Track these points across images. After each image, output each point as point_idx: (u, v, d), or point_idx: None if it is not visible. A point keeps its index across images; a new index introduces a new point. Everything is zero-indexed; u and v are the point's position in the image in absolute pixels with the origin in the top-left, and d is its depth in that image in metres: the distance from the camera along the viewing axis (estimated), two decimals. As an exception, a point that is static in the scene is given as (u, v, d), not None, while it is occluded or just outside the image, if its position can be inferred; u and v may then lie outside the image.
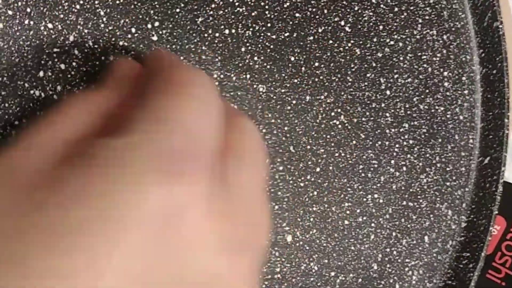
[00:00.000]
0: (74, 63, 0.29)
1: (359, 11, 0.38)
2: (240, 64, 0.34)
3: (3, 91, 0.27)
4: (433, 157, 0.42)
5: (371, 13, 0.38)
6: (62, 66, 0.28)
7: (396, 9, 0.40)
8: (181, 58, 0.32)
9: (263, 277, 0.35)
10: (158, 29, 0.31)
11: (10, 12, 0.27)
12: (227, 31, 0.33)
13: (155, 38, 0.31)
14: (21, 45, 0.27)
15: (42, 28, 0.28)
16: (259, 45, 0.34)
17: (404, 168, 0.41)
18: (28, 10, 0.27)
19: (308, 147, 0.37)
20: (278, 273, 0.36)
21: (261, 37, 0.34)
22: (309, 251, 0.37)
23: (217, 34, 0.33)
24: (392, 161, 0.40)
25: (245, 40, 0.34)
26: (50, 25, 0.28)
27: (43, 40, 0.28)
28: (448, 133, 0.43)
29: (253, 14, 0.34)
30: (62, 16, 0.28)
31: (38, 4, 0.27)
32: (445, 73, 0.43)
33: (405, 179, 0.41)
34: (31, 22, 0.27)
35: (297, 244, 0.37)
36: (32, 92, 0.28)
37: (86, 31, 0.29)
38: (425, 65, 0.41)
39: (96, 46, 0.29)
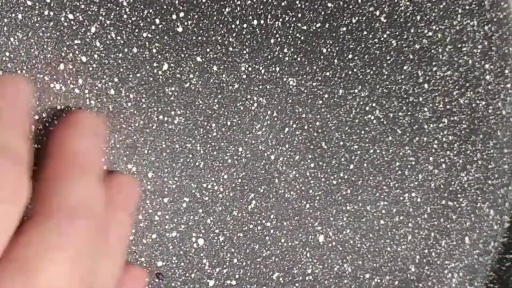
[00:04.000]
0: (95, 56, 0.28)
1: (395, 0, 0.36)
2: (269, 57, 0.32)
3: (22, 85, 0.26)
4: (474, 154, 0.40)
5: (408, 3, 0.36)
6: (84, 59, 0.27)
7: (434, -2, 0.38)
8: (208, 50, 0.30)
9: (293, 278, 0.34)
10: (183, 20, 0.29)
11: (29, 3, 0.26)
12: (255, 22, 0.32)
13: (180, 29, 0.29)
14: (40, 36, 0.26)
15: (62, 19, 0.27)
16: (289, 37, 0.33)
17: (444, 166, 0.39)
18: (48, 0, 0.26)
19: (341, 143, 0.35)
20: (309, 274, 0.35)
21: (291, 28, 0.33)
22: (342, 252, 0.36)
23: (245, 25, 0.31)
24: (431, 158, 0.38)
25: (275, 31, 0.32)
26: (70, 16, 0.27)
27: (63, 31, 0.27)
28: (490, 129, 0.41)
29: (282, 4, 0.32)
30: (83, 6, 0.27)
31: (58, -6, 0.26)
32: (487, 66, 0.40)
33: (445, 177, 0.39)
34: (51, 13, 0.26)
35: (330, 244, 0.35)
36: (52, 85, 0.27)
37: (108, 22, 0.28)
38: (465, 57, 0.39)
39: (118, 37, 0.28)
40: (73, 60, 0.27)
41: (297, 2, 0.33)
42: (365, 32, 0.35)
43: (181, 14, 0.29)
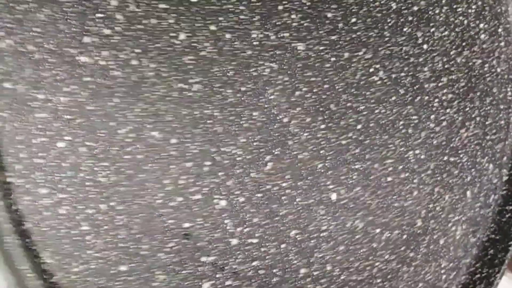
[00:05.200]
0: (117, 28, 0.29)
1: (394, -36, 0.37)
2: (278, 23, 0.33)
3: (50, 58, 0.27)
4: (472, 111, 0.42)
5: (405, -34, 0.38)
6: (107, 31, 0.28)
7: (430, -39, 0.39)
8: (221, 18, 0.31)
9: (309, 235, 0.36)
10: (197, -9, 0.31)
11: (52, -21, 0.27)
12: (264, -10, 0.33)
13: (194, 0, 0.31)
14: (65, 11, 0.27)
15: (84, -7, 0.28)
16: (296, 2, 0.34)
17: (444, 123, 0.41)
18: (70, -25, 0.27)
19: (348, 104, 0.36)
20: (324, 231, 0.36)
21: (298, -5, 0.34)
22: (353, 209, 0.37)
23: (254, -6, 0.32)
24: (432, 116, 0.40)
25: (282, -1, 0.33)
26: (92, -10, 0.28)
27: (86, 5, 0.28)
28: (486, 86, 0.43)
29: (289, -29, 0.33)
30: (103, -20, 0.28)
31: (79, -30, 0.27)
32: (481, 25, 0.42)
33: (446, 134, 0.41)
34: (74, -12, 0.27)
35: (342, 202, 0.37)
36: (78, 58, 0.28)
37: (127, -5, 0.29)
38: (461, 18, 0.41)
39: (138, 9, 0.29)
40: (97, 33, 0.28)
41: (302, -31, 0.34)
42: (366, -3, 0.36)
43: (195, -15, 0.31)
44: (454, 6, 0.40)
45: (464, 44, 0.41)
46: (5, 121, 0.26)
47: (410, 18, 0.38)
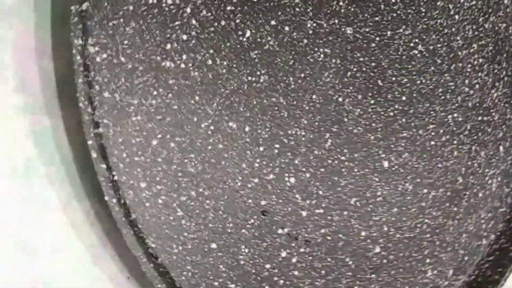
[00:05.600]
0: (193, 32, 0.32)
1: None
2: (328, 11, 0.36)
3: (141, 67, 0.30)
4: (500, 72, 0.45)
5: None
6: (184, 37, 0.31)
7: None
8: (279, 13, 0.34)
9: (367, 201, 0.39)
10: (257, -10, 0.33)
11: (137, -5, 0.30)
12: (314, -18, 0.36)
13: (255, -2, 0.33)
14: (149, 23, 0.30)
15: (163, 5, 0.31)
16: (343, -9, 0.37)
17: (477, 86, 0.44)
18: (151, -10, 0.30)
19: (393, 78, 0.40)
20: (379, 196, 0.40)
21: (344, -17, 0.37)
22: (403, 173, 0.41)
23: (306, -14, 0.35)
24: (466, 81, 0.43)
25: (330, -12, 0.36)
26: (169, 1, 0.31)
27: (166, 15, 0.31)
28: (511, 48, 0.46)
29: (335, -38, 0.36)
30: (178, -9, 0.31)
31: (157, -17, 0.30)
32: (505, -9, 0.45)
33: (479, 95, 0.44)
34: (155, 1, 0.30)
35: (393, 168, 0.40)
36: (163, 64, 0.31)
37: (199, 1, 0.32)
38: (486, -14, 0.44)
39: (209, 14, 0.32)
40: (176, 39, 0.31)
41: (346, -42, 0.37)
42: (403, -23, 0.39)
43: (255, -15, 0.33)
44: (480, -24, 0.43)
45: (490, 10, 0.44)
46: (108, 127, 0.30)
47: (442, -8, 0.41)
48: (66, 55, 0.27)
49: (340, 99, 0.37)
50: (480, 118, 0.44)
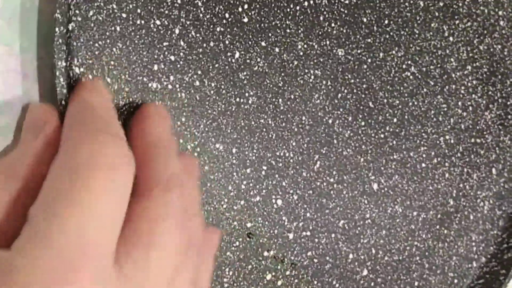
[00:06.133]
0: (181, 54, 0.31)
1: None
2: (320, 32, 0.36)
3: (126, 88, 0.30)
4: (494, 93, 0.45)
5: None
6: (172, 58, 0.31)
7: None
8: (270, 34, 0.34)
9: (355, 224, 0.39)
10: (247, 11, 0.33)
11: (124, 15, 0.29)
12: (306, 3, 0.35)
13: (245, 19, 0.33)
14: (136, 44, 0.30)
15: (151, 25, 0.30)
16: (335, 12, 0.36)
17: (470, 108, 0.44)
18: (139, 11, 0.30)
19: (385, 100, 0.39)
20: (368, 218, 0.40)
21: (336, 4, 0.36)
22: (393, 196, 0.41)
23: (298, 7, 0.35)
24: (459, 103, 0.43)
25: (322, 9, 0.36)
26: (158, 22, 0.30)
27: (153, 36, 0.30)
28: (507, 69, 0.45)
29: (328, -16, 0.36)
30: (167, 12, 0.31)
31: (146, 4, 0.30)
32: (500, 13, 0.45)
33: (472, 117, 0.44)
34: (142, 21, 0.30)
35: (382, 190, 0.40)
36: (150, 85, 0.31)
37: (188, 22, 0.31)
38: (481, 8, 0.43)
39: (198, 35, 0.32)
40: (164, 60, 0.31)
41: (339, -20, 0.36)
42: (397, -2, 0.39)
43: (246, 6, 0.33)
44: (476, -3, 0.43)
45: (485, 32, 0.44)
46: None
47: (436, 14, 0.41)
48: (50, 77, 0.27)
49: (330, 121, 0.37)
50: (472, 140, 0.44)
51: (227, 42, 0.33)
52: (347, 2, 0.37)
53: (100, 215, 0.23)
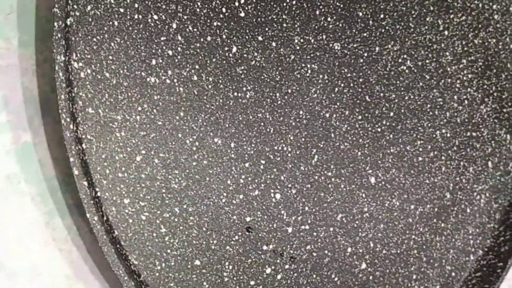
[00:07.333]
0: (179, 48, 0.31)
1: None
2: (316, 27, 0.36)
3: (125, 82, 0.30)
4: (489, 87, 0.45)
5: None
6: (170, 52, 0.31)
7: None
8: (266, 29, 0.34)
9: (353, 217, 0.39)
10: (244, 6, 0.33)
11: (121, 10, 0.29)
12: (302, -2, 0.35)
13: (242, 14, 0.33)
14: (134, 38, 0.30)
15: (149, 20, 0.30)
16: (331, 6, 0.37)
17: (466, 101, 0.44)
18: (136, 5, 0.30)
19: (381, 94, 0.39)
20: (366, 212, 0.40)
21: (332, -2, 0.37)
22: (390, 189, 0.41)
23: (294, 2, 0.35)
24: (455, 97, 0.43)
25: (318, 3, 0.36)
26: (155, 17, 0.30)
27: (151, 31, 0.30)
28: (501, 63, 0.46)
29: (324, -22, 0.36)
30: (164, 6, 0.31)
31: (143, -1, 0.30)
32: (494, 6, 0.45)
33: (467, 111, 0.44)
34: (140, 16, 0.30)
35: (380, 184, 0.40)
36: (148, 79, 0.31)
37: (185, 17, 0.31)
38: (476, 1, 0.44)
39: (195, 29, 0.32)
40: (161, 55, 0.31)
41: (335, -26, 0.36)
42: (392, -7, 0.39)
43: (242, 1, 0.33)
44: (470, -8, 0.43)
45: (480, 26, 0.44)
46: (91, 143, 0.29)
47: (431, 8, 0.41)
48: (48, 72, 0.27)
49: (327, 115, 0.37)
50: (468, 133, 0.44)
51: (224, 36, 0.33)
52: (343, -4, 0.37)
53: None
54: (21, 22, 0.27)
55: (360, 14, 0.38)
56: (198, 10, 0.32)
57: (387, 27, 0.39)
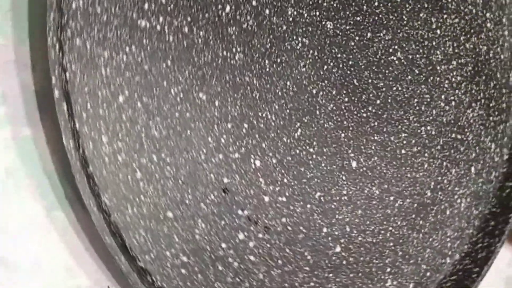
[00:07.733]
0: (173, -3, 0.32)
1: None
2: (311, 2, 0.37)
3: (115, 21, 0.30)
4: (478, 93, 0.46)
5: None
6: (163, 0, 0.32)
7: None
8: (261, -5, 0.35)
9: (331, 198, 0.39)
10: (241, -32, 0.34)
11: (120, -50, 0.30)
12: (299, -29, 0.36)
13: (239, -24, 0.34)
14: (129, -21, 0.30)
15: (146, -35, 0.31)
16: (327, -15, 0.37)
17: (453, 103, 0.44)
18: None
19: (370, 80, 0.40)
20: (345, 195, 0.40)
21: (328, -23, 0.37)
22: (371, 177, 0.41)
23: (290, -26, 0.36)
24: (443, 96, 0.44)
25: (315, -20, 0.37)
26: (152, -38, 0.31)
27: (147, -25, 0.31)
28: (491, 71, 0.46)
29: (322, -45, 0.37)
30: (162, -46, 0.31)
31: None
32: (488, 15, 0.46)
33: (454, 113, 0.44)
34: (137, -41, 0.31)
35: (361, 169, 0.40)
36: (139, 22, 0.31)
37: (182, -32, 0.32)
38: (470, 7, 0.45)
39: (190, -18, 0.32)
40: (154, 1, 0.31)
41: (333, -46, 0.37)
42: (388, -18, 0.40)
43: (240, -37, 0.34)
44: (465, -4, 0.44)
45: (472, 31, 0.45)
46: (75, 74, 0.29)
47: (426, 5, 0.42)
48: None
49: (314, 91, 0.37)
50: (453, 135, 0.45)
51: (219, -6, 0.33)
52: (339, -23, 0.38)
53: None
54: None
55: (355, -3, 0.39)
56: (195, -36, 0.32)
57: (380, 15, 0.40)
